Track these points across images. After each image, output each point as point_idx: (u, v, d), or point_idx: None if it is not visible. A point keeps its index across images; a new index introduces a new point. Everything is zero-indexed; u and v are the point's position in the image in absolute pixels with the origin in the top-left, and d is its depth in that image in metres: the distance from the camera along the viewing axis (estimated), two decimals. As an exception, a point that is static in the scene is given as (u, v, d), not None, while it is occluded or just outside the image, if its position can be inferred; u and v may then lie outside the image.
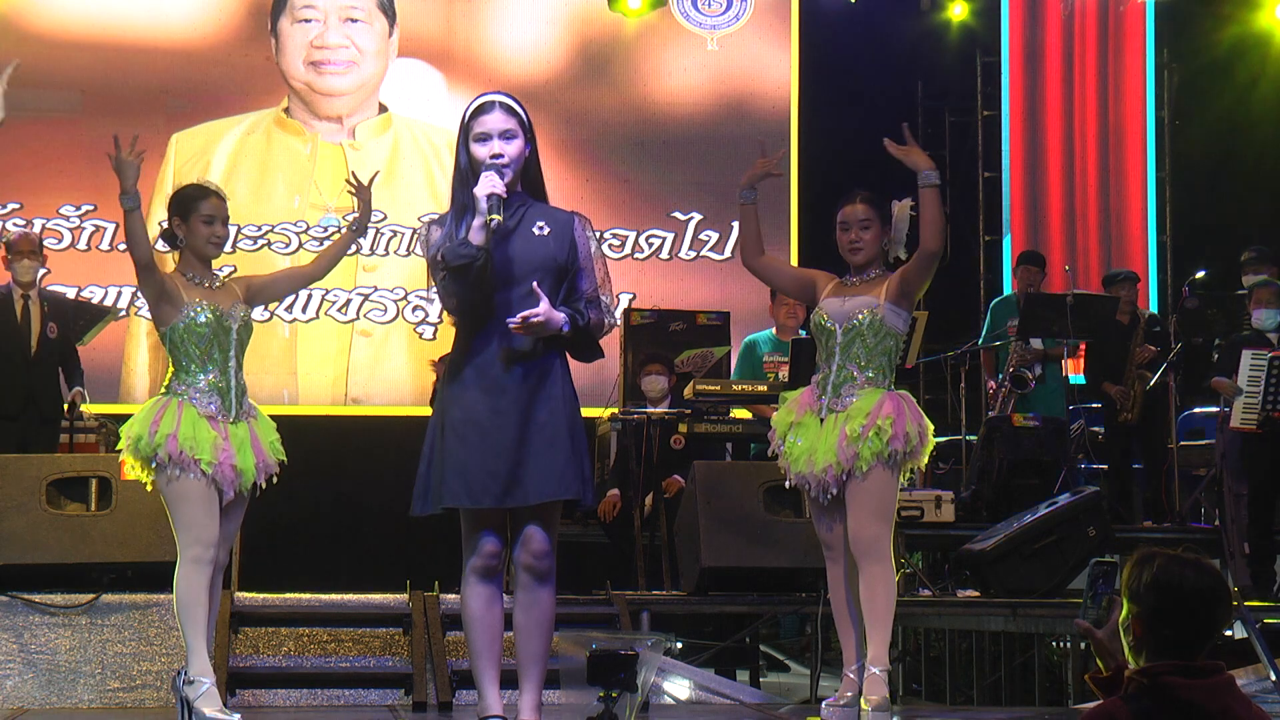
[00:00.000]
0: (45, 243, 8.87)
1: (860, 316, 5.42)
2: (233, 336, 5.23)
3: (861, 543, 5.32)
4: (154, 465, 5.09)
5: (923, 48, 12.13)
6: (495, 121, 4.57)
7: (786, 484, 5.59)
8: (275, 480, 5.28)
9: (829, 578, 5.56)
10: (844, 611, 5.50)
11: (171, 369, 5.24)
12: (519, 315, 4.41)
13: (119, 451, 5.22)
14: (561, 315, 4.48)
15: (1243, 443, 8.30)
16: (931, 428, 5.48)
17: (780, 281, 6.14)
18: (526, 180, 4.66)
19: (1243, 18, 12.18)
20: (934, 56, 12.22)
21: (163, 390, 5.25)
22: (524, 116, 4.61)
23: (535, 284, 4.46)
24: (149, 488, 5.20)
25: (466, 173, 4.58)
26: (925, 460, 5.54)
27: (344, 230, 5.60)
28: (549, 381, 4.54)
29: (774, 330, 8.79)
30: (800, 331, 8.14)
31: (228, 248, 5.48)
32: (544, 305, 4.43)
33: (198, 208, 5.25)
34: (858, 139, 11.28)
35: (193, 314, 5.16)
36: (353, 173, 5.69)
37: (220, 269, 5.53)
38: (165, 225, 5.30)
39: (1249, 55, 12.21)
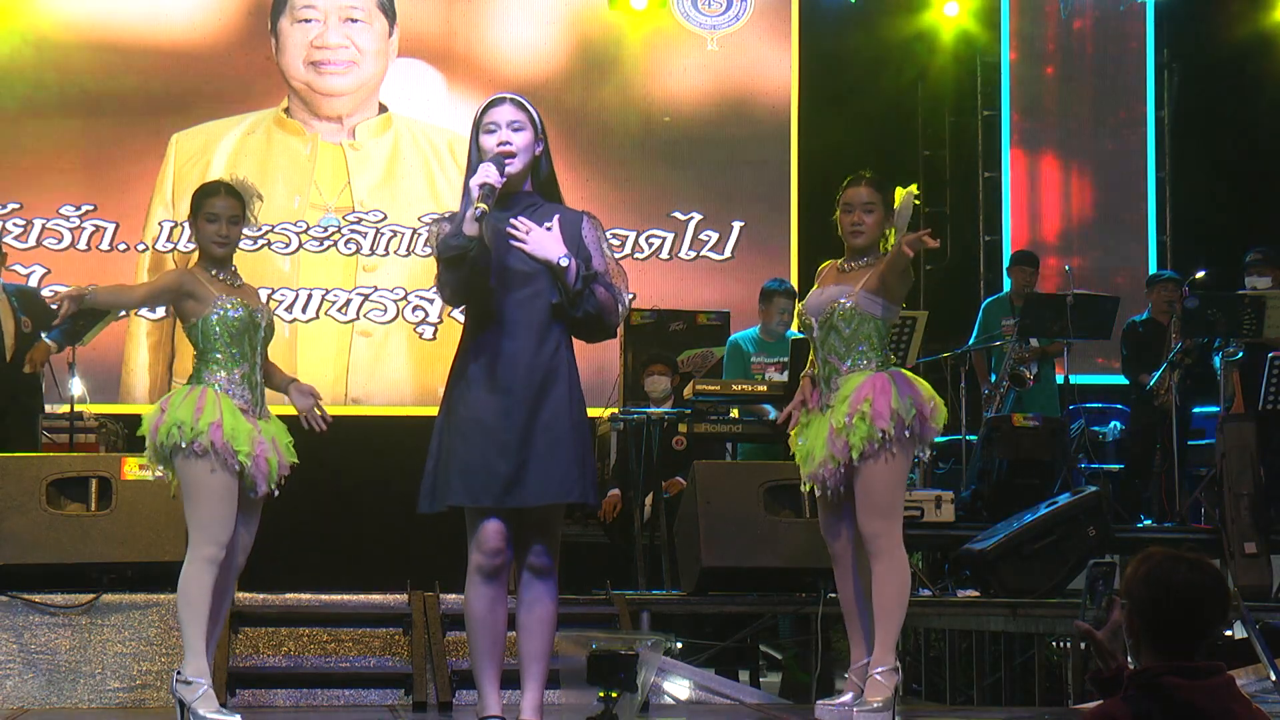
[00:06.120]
0: (45, 243, 8.83)
1: (832, 307, 5.35)
2: (260, 334, 5.24)
3: (866, 540, 5.30)
4: (191, 454, 5.02)
5: (922, 48, 12.13)
6: (504, 114, 4.62)
7: (802, 487, 5.57)
8: (283, 483, 5.28)
9: (835, 577, 5.55)
10: (849, 609, 5.48)
11: (197, 361, 5.20)
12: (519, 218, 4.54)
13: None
14: (566, 250, 4.53)
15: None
16: (937, 397, 5.31)
17: None
18: (537, 179, 4.68)
19: (1242, 17, 12.16)
20: (934, 57, 12.21)
21: (188, 380, 5.21)
22: (534, 114, 4.65)
23: (547, 225, 4.57)
24: (172, 477, 5.12)
25: (475, 166, 4.59)
26: (939, 427, 5.35)
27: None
28: (556, 383, 4.55)
29: (759, 330, 8.77)
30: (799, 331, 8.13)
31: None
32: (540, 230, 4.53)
33: (202, 205, 5.26)
34: (858, 139, 11.41)
35: (226, 307, 5.15)
36: None
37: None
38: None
39: (1249, 55, 12.20)
